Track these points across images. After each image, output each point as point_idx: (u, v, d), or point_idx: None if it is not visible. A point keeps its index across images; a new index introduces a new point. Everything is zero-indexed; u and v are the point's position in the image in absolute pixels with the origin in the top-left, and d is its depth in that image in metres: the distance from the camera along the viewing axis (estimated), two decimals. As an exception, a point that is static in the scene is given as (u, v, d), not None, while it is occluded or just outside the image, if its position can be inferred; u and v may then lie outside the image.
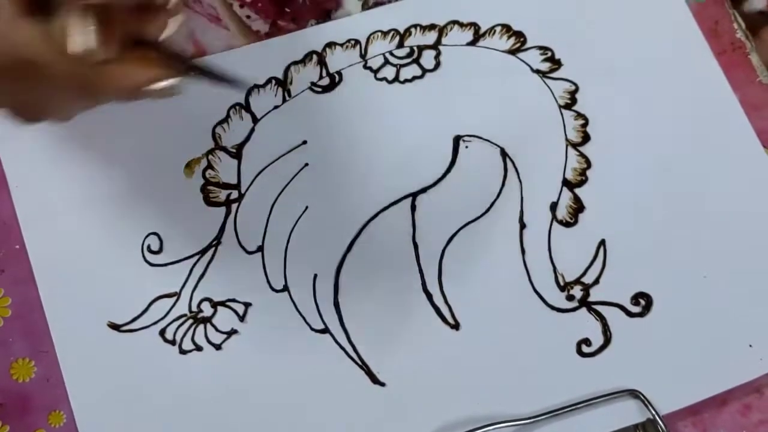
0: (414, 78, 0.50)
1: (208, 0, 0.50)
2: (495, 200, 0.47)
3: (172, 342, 0.44)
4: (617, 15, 0.51)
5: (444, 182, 0.48)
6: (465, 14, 0.51)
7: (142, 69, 0.37)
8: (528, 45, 0.51)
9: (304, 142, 0.48)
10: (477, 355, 0.45)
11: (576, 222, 0.47)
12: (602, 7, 0.51)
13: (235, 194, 0.47)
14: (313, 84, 0.49)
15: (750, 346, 0.45)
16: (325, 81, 0.49)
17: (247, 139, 0.48)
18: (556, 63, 0.50)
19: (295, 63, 0.50)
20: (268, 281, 0.46)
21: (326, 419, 0.44)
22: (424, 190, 0.47)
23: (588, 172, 0.48)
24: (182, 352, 0.44)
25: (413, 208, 0.47)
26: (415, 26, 0.51)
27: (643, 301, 0.45)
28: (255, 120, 0.48)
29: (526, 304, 0.46)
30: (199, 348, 0.44)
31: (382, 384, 0.44)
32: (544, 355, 0.45)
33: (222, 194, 0.47)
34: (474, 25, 0.51)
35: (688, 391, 0.44)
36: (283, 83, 0.49)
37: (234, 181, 0.47)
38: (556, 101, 0.49)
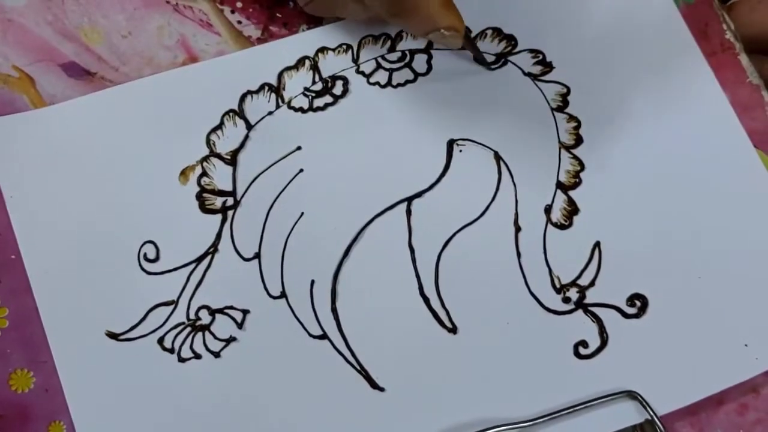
0: (407, 82, 0.50)
1: (199, 5, 0.50)
2: (490, 204, 0.47)
3: (171, 350, 0.44)
4: (607, 17, 0.51)
5: (439, 186, 0.48)
6: (456, 18, 0.51)
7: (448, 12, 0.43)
8: (519, 48, 0.51)
9: (299, 148, 0.48)
10: (475, 359, 0.45)
11: (570, 224, 0.47)
12: (592, 10, 0.52)
13: (230, 201, 0.47)
14: (306, 89, 0.49)
15: (745, 345, 0.45)
16: (318, 86, 0.49)
17: (242, 145, 0.48)
18: (547, 66, 0.50)
19: (288, 68, 0.50)
20: (266, 288, 0.46)
21: (326, 425, 0.44)
22: (419, 195, 0.47)
23: (581, 175, 0.48)
24: (181, 360, 0.44)
25: (408, 212, 0.47)
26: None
27: (639, 303, 0.46)
28: (249, 126, 0.48)
29: (523, 307, 0.46)
30: (197, 356, 0.44)
31: (382, 389, 0.44)
32: (541, 358, 0.45)
33: (218, 201, 0.47)
34: (465, 29, 0.51)
35: (685, 392, 0.44)
36: (276, 89, 0.49)
37: (229, 188, 0.47)
38: (549, 104, 0.50)
